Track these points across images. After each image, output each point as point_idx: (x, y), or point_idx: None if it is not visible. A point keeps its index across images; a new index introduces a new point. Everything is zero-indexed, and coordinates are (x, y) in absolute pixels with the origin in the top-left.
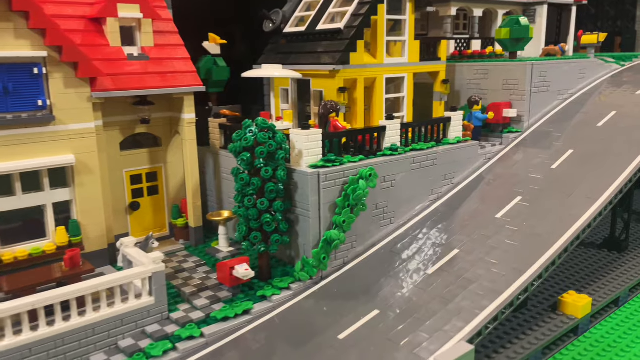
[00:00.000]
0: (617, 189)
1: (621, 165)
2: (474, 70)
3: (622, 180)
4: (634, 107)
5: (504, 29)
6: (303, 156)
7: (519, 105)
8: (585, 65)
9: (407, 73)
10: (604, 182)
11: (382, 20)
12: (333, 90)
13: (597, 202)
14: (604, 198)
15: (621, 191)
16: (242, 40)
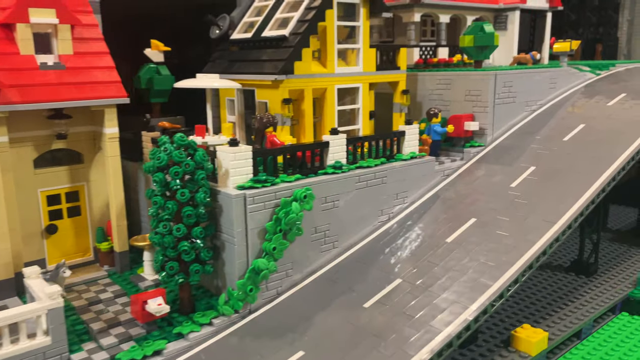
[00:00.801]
0: (577, 211)
1: (584, 184)
2: (436, 80)
3: (584, 202)
4: (604, 120)
5: (467, 37)
6: (230, 176)
7: (481, 117)
8: (556, 75)
9: (362, 83)
10: (564, 203)
11: (332, 27)
12: (278, 102)
13: (555, 225)
14: (562, 221)
15: (582, 214)
16: (196, 45)
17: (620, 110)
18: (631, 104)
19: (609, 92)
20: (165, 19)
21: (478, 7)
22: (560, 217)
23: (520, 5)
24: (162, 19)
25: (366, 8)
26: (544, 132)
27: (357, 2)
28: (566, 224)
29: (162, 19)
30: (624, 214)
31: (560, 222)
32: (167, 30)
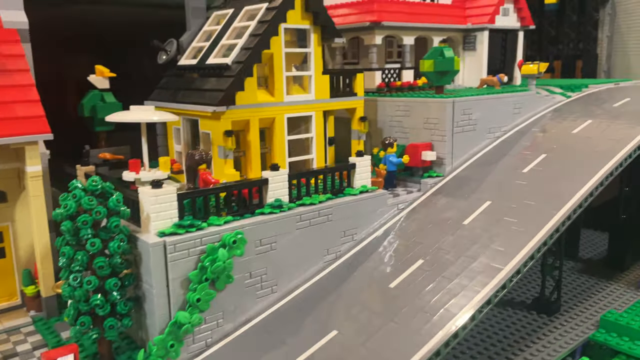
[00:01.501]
0: (526, 255)
1: (537, 223)
2: (396, 107)
3: (534, 245)
4: (567, 149)
5: (427, 61)
6: (151, 221)
7: (440, 146)
8: (521, 100)
9: (315, 111)
10: (513, 247)
11: (279, 54)
12: (220, 133)
13: (501, 273)
14: (508, 268)
15: (532, 257)
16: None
17: (583, 139)
18: (596, 132)
19: (575, 118)
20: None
21: (445, 28)
22: (508, 263)
23: (489, 25)
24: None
25: (317, 34)
26: (505, 162)
27: (307, 27)
28: (513, 270)
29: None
30: (599, 241)
31: (506, 269)
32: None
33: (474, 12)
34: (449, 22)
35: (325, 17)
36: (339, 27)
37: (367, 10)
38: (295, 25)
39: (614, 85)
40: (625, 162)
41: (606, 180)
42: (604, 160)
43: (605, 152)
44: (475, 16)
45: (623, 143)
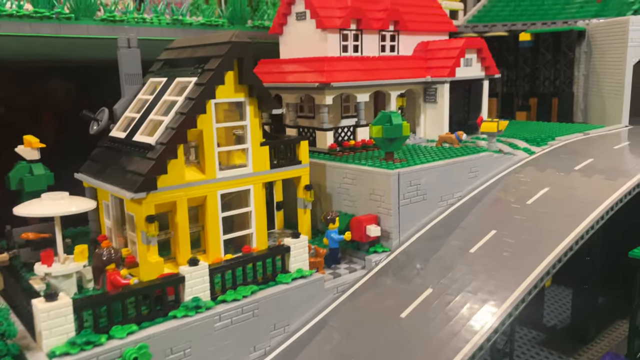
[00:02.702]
0: (467, 355)
1: (480, 321)
2: (343, 174)
3: (474, 345)
4: (519, 224)
5: (375, 127)
6: (43, 338)
7: (386, 219)
8: (477, 162)
9: (254, 184)
10: (452, 350)
11: (210, 130)
12: (142, 218)
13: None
14: None
15: (473, 356)
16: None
17: (538, 213)
18: (552, 204)
19: (533, 182)
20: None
21: (402, 83)
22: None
23: (449, 78)
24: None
25: (253, 105)
26: (454, 236)
27: (242, 100)
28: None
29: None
30: (567, 301)
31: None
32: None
33: (435, 63)
34: (407, 77)
35: (261, 88)
36: (289, 85)
37: (317, 70)
38: (227, 99)
39: (583, 135)
40: (582, 239)
41: (559, 263)
42: (557, 240)
43: (559, 230)
44: (436, 68)
45: (579, 219)
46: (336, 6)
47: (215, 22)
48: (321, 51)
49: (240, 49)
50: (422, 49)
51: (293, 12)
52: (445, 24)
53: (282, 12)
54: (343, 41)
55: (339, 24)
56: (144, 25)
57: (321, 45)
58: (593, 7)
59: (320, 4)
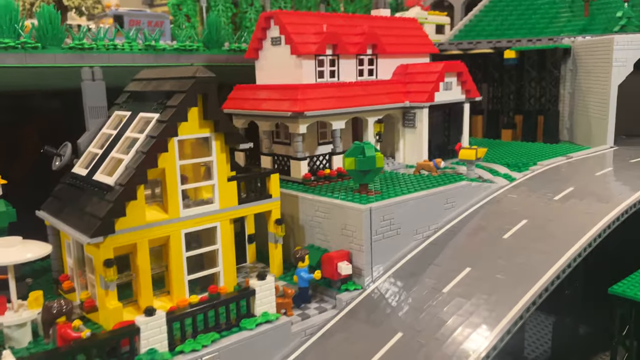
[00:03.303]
0: None
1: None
2: (315, 207)
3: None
4: (494, 261)
5: (347, 159)
6: None
7: (358, 256)
8: (454, 192)
9: (221, 221)
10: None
11: (173, 169)
12: (100, 262)
13: None
14: None
15: None
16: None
17: (515, 249)
18: (527, 240)
19: (510, 215)
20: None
21: (380, 109)
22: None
23: (427, 103)
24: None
25: (220, 141)
26: (427, 274)
27: (207, 136)
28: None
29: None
30: (547, 332)
31: None
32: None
33: (413, 88)
34: (385, 102)
35: (227, 123)
36: (262, 113)
37: (291, 98)
38: (191, 135)
39: (566, 159)
40: (558, 279)
41: (533, 306)
42: (532, 281)
43: (535, 269)
44: (414, 93)
45: (555, 257)
46: (311, 31)
47: (190, 46)
48: (296, 77)
49: (204, 84)
50: (402, 72)
51: (268, 37)
52: (426, 46)
53: (257, 37)
54: (319, 67)
55: (314, 50)
56: (115, 52)
57: (296, 71)
58: (580, 21)
59: (295, 30)
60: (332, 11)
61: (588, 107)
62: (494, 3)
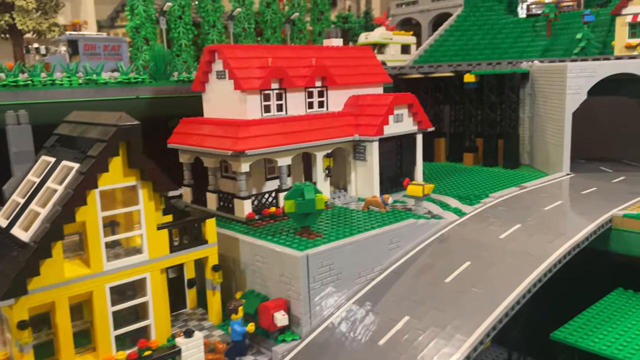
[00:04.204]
0: None
1: None
2: (254, 251)
3: None
4: (434, 308)
5: (287, 202)
6: None
7: (296, 304)
8: (399, 232)
9: (151, 272)
10: None
11: (94, 221)
12: (14, 324)
13: None
14: None
15: None
16: None
17: (454, 294)
18: (469, 282)
19: (454, 256)
20: None
21: (326, 144)
22: None
23: (375, 137)
24: None
25: (147, 189)
26: (365, 323)
27: (133, 184)
28: None
29: None
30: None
31: None
32: None
33: (363, 121)
34: (334, 136)
35: (154, 171)
36: (205, 150)
37: (232, 136)
38: (115, 185)
39: (519, 189)
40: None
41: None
42: (468, 333)
43: (473, 317)
44: (364, 126)
45: (495, 303)
46: (256, 66)
47: (134, 79)
48: (241, 112)
49: (127, 132)
50: (353, 103)
51: (214, 70)
52: (379, 75)
53: (202, 70)
54: (265, 101)
55: (258, 85)
56: (53, 87)
57: (241, 106)
58: (543, 41)
59: (238, 65)
60: (298, 31)
61: (545, 132)
62: (459, 22)
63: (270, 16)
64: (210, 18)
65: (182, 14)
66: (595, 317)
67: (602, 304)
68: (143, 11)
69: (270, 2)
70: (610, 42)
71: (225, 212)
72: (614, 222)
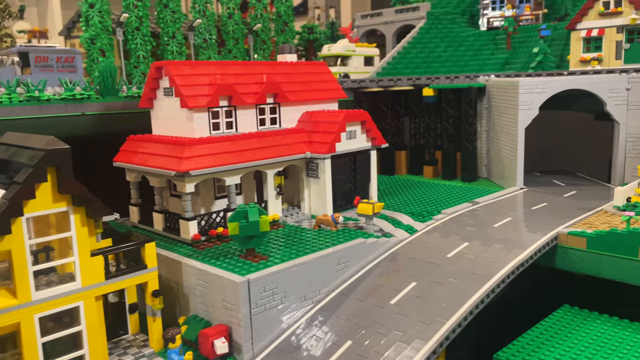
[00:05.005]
0: None
1: None
2: (196, 275)
3: None
4: (377, 331)
5: (231, 225)
6: None
7: (237, 331)
8: (347, 252)
9: (84, 300)
10: None
11: (21, 249)
12: None
13: None
14: None
15: None
16: None
17: (396, 317)
18: (413, 305)
19: (401, 275)
20: None
21: (277, 162)
22: None
23: (327, 154)
24: None
25: (80, 214)
26: (309, 347)
27: (64, 210)
28: None
29: None
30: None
31: None
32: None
33: (316, 138)
34: (285, 154)
35: (86, 196)
36: (149, 170)
37: (177, 156)
38: (45, 211)
39: (471, 205)
40: (440, 347)
41: None
42: (412, 352)
43: (415, 338)
44: (316, 143)
45: (435, 328)
46: (204, 83)
47: (80, 95)
48: (188, 130)
49: (55, 157)
50: (307, 119)
51: (161, 87)
52: (335, 91)
53: (150, 87)
54: (213, 119)
55: (205, 103)
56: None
57: (188, 124)
58: (503, 54)
59: (184, 82)
60: (262, 42)
61: (501, 146)
62: (421, 35)
63: (233, 27)
64: (170, 29)
65: (140, 25)
66: (540, 336)
67: (547, 321)
68: (99, 22)
69: (232, 13)
70: (567, 56)
71: (171, 233)
72: (559, 240)
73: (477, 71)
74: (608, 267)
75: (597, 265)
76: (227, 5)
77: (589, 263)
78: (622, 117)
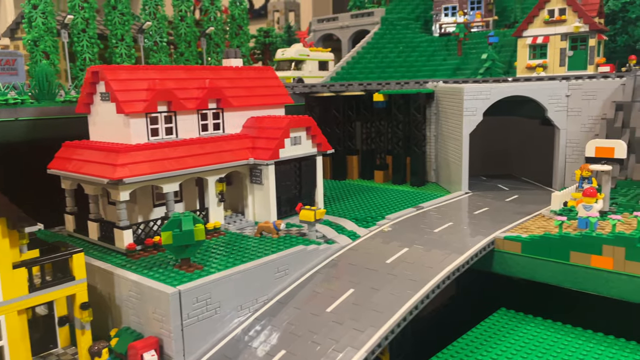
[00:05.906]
0: None
1: None
2: (128, 286)
3: None
4: (311, 340)
5: (164, 234)
6: None
7: (168, 343)
8: (287, 260)
9: (6, 314)
10: None
11: None
12: None
13: None
14: None
15: None
16: None
17: (331, 326)
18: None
19: (339, 283)
20: None
21: (218, 168)
22: None
23: (270, 161)
24: None
25: (1, 225)
26: (244, 358)
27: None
28: None
29: None
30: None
31: None
32: None
33: (260, 144)
34: (227, 160)
35: (7, 207)
36: (83, 177)
37: (111, 163)
38: None
39: (415, 210)
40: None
41: None
42: None
43: (350, 345)
44: (260, 149)
45: (369, 334)
46: (141, 88)
47: (13, 100)
48: (125, 136)
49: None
50: (252, 125)
51: (98, 92)
52: (280, 97)
53: (87, 91)
54: (152, 124)
55: (142, 109)
56: None
57: (125, 130)
58: (454, 60)
59: (120, 87)
60: (215, 45)
61: (448, 151)
62: (376, 40)
63: (185, 29)
64: (118, 31)
65: (87, 27)
66: (478, 338)
67: (484, 324)
68: (42, 24)
69: (184, 16)
70: (514, 63)
71: (106, 242)
72: (496, 244)
73: (430, 77)
74: (542, 271)
75: (532, 269)
76: (179, 8)
77: (523, 267)
78: (562, 123)
